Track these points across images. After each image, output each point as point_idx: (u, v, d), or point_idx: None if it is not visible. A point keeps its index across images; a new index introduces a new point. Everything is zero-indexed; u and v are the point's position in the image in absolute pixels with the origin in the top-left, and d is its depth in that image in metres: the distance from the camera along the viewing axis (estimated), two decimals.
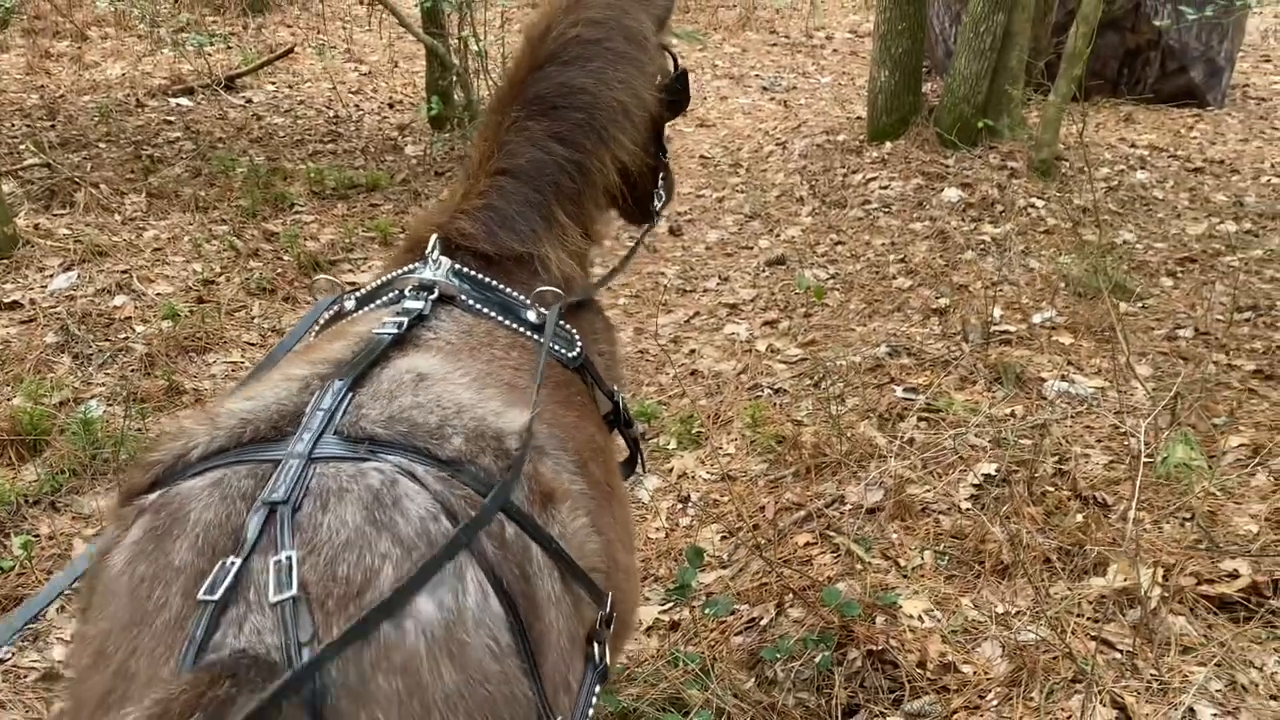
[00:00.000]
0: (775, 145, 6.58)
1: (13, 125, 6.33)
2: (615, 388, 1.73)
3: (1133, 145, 6.05)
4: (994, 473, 2.92)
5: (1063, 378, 3.56)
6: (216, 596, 0.86)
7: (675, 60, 1.91)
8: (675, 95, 1.89)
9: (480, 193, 1.69)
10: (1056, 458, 2.96)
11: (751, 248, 5.18)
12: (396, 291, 1.50)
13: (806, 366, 3.91)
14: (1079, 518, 2.61)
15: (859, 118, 6.45)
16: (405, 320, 1.34)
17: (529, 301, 1.56)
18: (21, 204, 5.15)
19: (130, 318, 4.32)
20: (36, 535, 3.01)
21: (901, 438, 3.26)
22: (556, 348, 1.54)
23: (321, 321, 1.58)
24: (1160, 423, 3.01)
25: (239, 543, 0.91)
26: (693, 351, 4.20)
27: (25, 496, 3.14)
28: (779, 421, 3.52)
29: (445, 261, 1.54)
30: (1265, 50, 8.55)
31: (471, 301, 1.49)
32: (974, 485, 2.89)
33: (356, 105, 7.23)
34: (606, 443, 1.63)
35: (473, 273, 1.55)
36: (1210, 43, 6.86)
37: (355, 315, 1.50)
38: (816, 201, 5.56)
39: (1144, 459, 2.59)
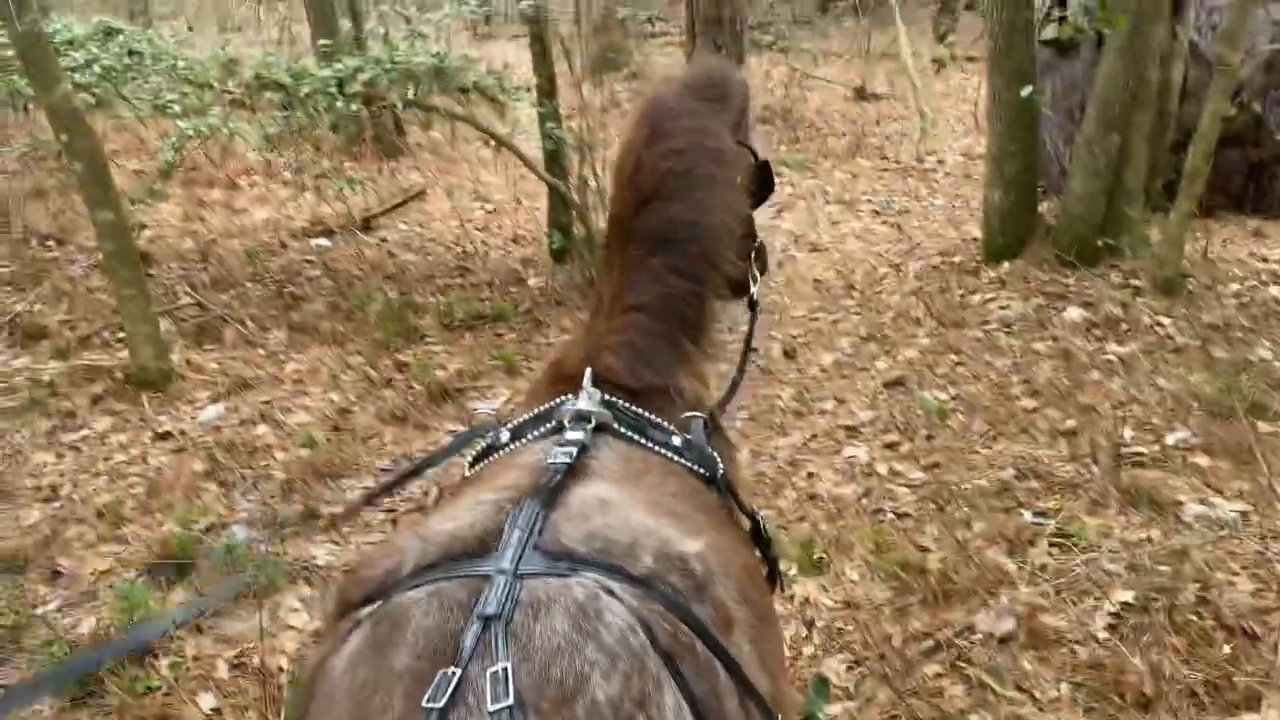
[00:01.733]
0: (889, 268, 6.62)
1: (170, 269, 6.86)
2: (755, 507, 1.78)
3: (1263, 260, 5.88)
4: (1131, 600, 2.81)
5: (1201, 501, 3.42)
6: (440, 704, 0.91)
7: (755, 154, 1.97)
8: (761, 186, 1.97)
9: (616, 329, 1.78)
10: (1199, 585, 2.83)
11: (868, 370, 5.18)
12: (554, 423, 1.57)
13: (930, 490, 3.85)
14: (1226, 649, 2.48)
15: (974, 239, 6.45)
16: (575, 449, 1.41)
17: (674, 429, 1.63)
18: (176, 341, 5.54)
19: (271, 446, 4.56)
20: (182, 656, 3.16)
21: (1032, 564, 3.17)
22: (703, 470, 1.60)
23: (473, 455, 1.66)
24: None
25: (457, 652, 0.97)
26: (811, 475, 4.18)
27: (173, 619, 3.31)
28: (903, 547, 3.46)
29: (597, 393, 1.63)
30: None
31: (625, 431, 1.56)
32: (1110, 614, 2.79)
33: (483, 241, 7.59)
34: (757, 565, 1.66)
35: (622, 403, 1.63)
36: None
37: (515, 447, 1.58)
38: (934, 322, 5.54)
39: None
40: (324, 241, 7.50)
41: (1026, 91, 5.24)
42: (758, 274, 2.05)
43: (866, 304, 6.07)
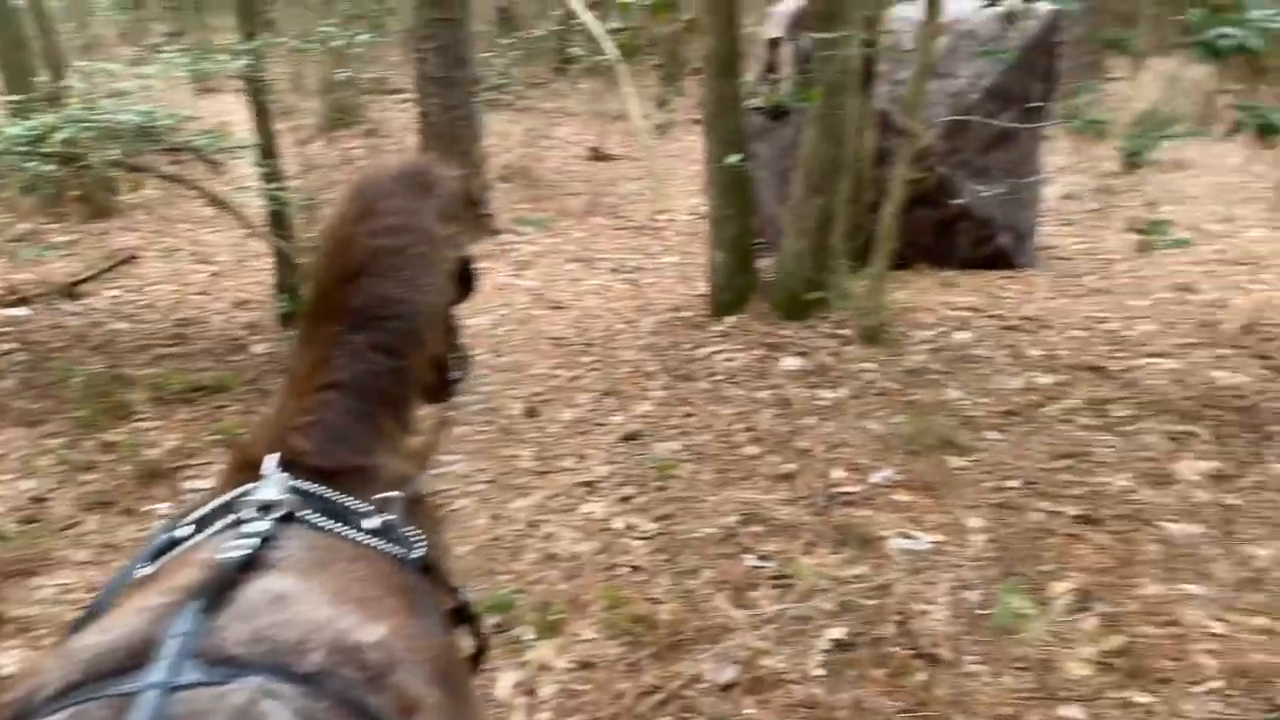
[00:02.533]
0: (624, 323, 6.80)
1: None
2: (460, 585, 1.75)
3: (953, 308, 6.50)
4: (843, 637, 2.99)
5: (902, 535, 3.71)
6: None
7: (461, 249, 2.00)
8: (465, 282, 2.00)
9: (309, 409, 1.72)
10: (900, 616, 3.06)
11: (606, 424, 5.28)
12: (236, 514, 1.49)
13: (662, 541, 3.96)
14: (922, 676, 2.68)
15: (702, 295, 6.76)
16: (254, 542, 1.34)
17: (368, 510, 1.58)
18: None
19: None
20: None
21: (755, 608, 3.31)
22: (399, 551, 1.56)
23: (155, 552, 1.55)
24: (993, 574, 3.16)
25: None
26: (550, 535, 4.19)
27: None
28: (636, 600, 3.53)
29: (282, 479, 1.56)
30: (1065, 214, 9.40)
31: (313, 518, 1.50)
32: (823, 651, 2.95)
33: (204, 307, 7.17)
34: (454, 643, 1.64)
35: (311, 488, 1.57)
36: (1013, 211, 7.51)
37: (195, 542, 1.49)
38: (666, 376, 5.73)
39: (979, 611, 2.71)
40: (20, 311, 6.84)
41: (733, 159, 5.57)
42: (462, 371, 2.07)
43: (604, 360, 6.20)
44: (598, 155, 12.49)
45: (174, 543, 1.52)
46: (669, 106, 6.80)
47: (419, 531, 1.65)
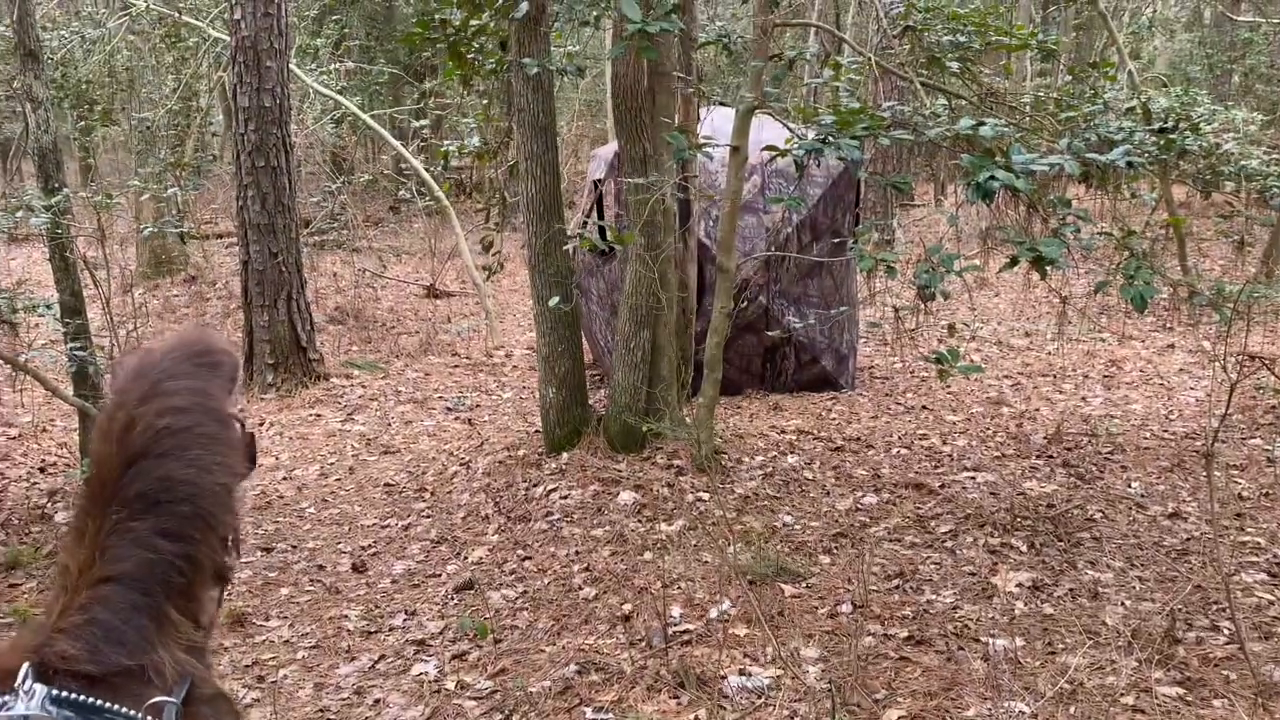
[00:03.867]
0: (460, 465, 6.68)
1: None
2: None
3: (782, 432, 6.68)
4: None
5: (741, 671, 3.67)
6: None
7: (243, 424, 1.94)
8: (248, 458, 1.94)
9: (81, 606, 1.58)
10: None
11: (439, 575, 5.11)
12: None
13: (496, 700, 3.80)
14: None
15: (538, 431, 6.72)
16: None
17: (140, 717, 1.44)
18: None
19: None
20: None
21: None
22: None
23: None
24: (827, 706, 3.15)
25: None
26: (378, 701, 3.97)
27: None
28: None
29: (40, 690, 1.41)
30: (881, 336, 9.89)
31: None
32: None
33: (1, 474, 6.66)
34: None
35: (74, 697, 1.43)
36: (833, 335, 7.86)
37: None
38: (502, 518, 5.62)
39: None
40: None
41: (554, 302, 5.65)
42: (236, 551, 1.98)
43: (438, 505, 6.05)
44: (432, 293, 12.48)
45: None
46: (495, 249, 6.87)
47: None
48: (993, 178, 3.48)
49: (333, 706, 3.98)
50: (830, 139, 3.77)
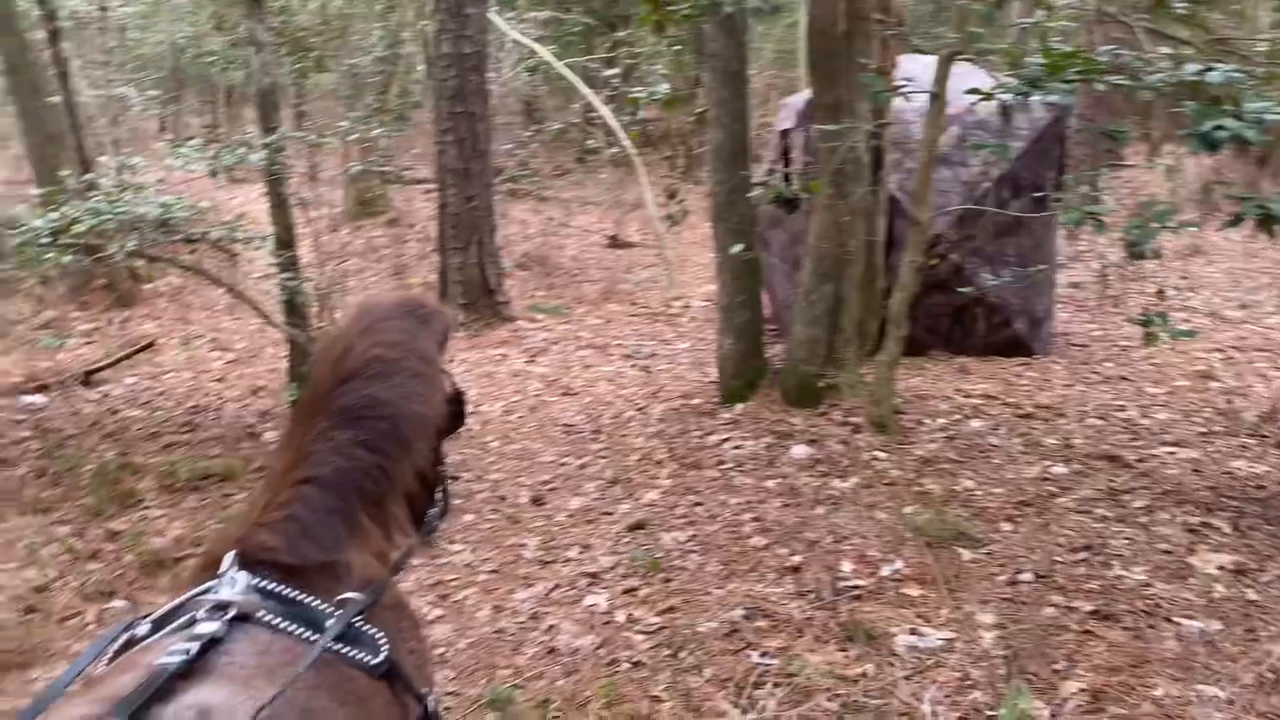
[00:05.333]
0: (635, 410, 6.78)
1: None
2: (426, 690, 1.70)
3: (967, 395, 6.44)
4: None
5: (911, 631, 3.60)
6: None
7: (453, 381, 2.07)
8: (453, 414, 2.05)
9: (283, 503, 1.71)
10: (905, 717, 2.95)
11: (612, 513, 5.22)
12: (190, 614, 1.46)
13: (665, 635, 3.86)
14: None
15: (713, 382, 6.73)
16: (194, 646, 1.31)
17: (331, 611, 1.55)
18: None
19: None
20: None
21: (757, 707, 3.21)
22: (359, 655, 1.52)
23: (113, 651, 1.52)
24: (1001, 672, 3.05)
25: None
26: (551, 627, 4.11)
27: None
28: (636, 698, 3.43)
29: (242, 578, 1.54)
30: (1080, 300, 9.36)
31: (270, 618, 1.47)
32: None
33: (219, 394, 7.22)
34: None
35: (273, 587, 1.54)
36: (1028, 297, 7.48)
37: (147, 642, 1.46)
38: (675, 464, 5.68)
39: (988, 712, 2.61)
40: (37, 399, 6.92)
41: (737, 249, 5.61)
42: (441, 507, 2.11)
43: (613, 447, 6.16)
44: (615, 243, 12.63)
45: (130, 642, 1.49)
46: (679, 198, 6.87)
47: (384, 635, 1.61)
48: (1220, 127, 3.20)
49: (509, 629, 4.15)
50: (1040, 82, 3.56)
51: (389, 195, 14.04)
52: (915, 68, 6.31)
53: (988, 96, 3.84)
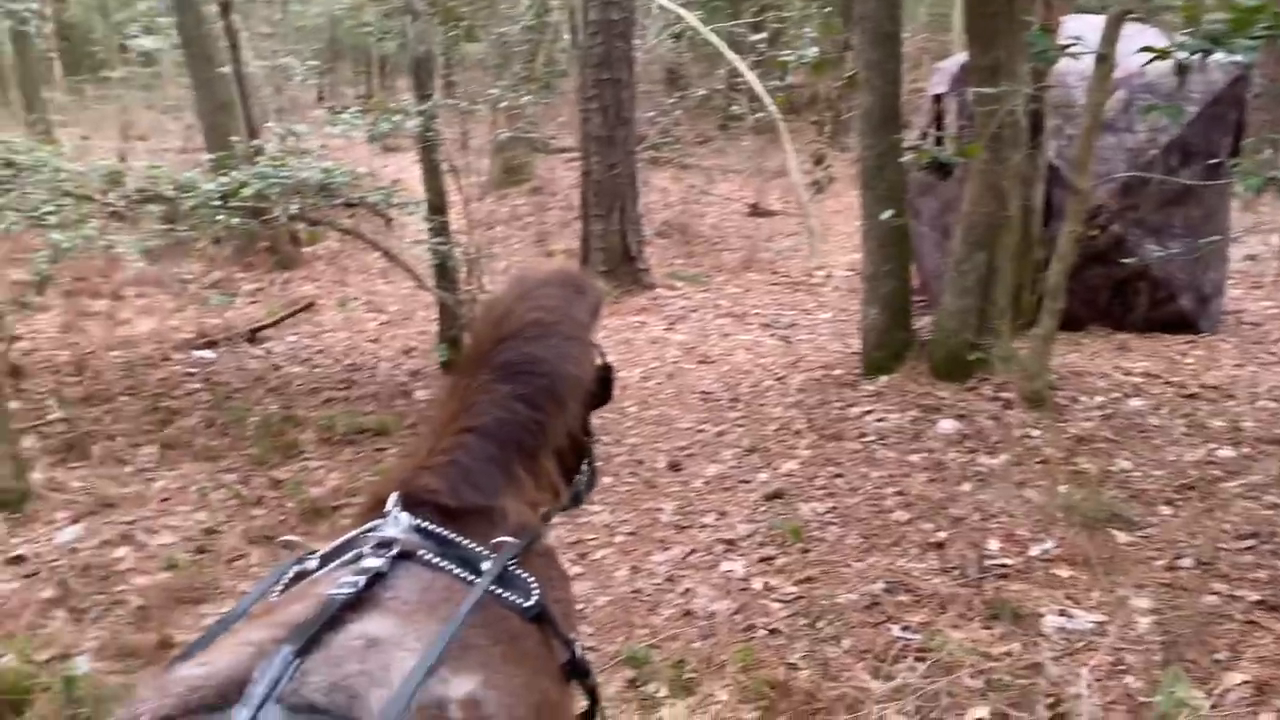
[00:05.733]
0: (774, 380, 6.73)
1: (41, 382, 6.62)
2: (573, 635, 1.75)
3: (1127, 373, 6.14)
4: (988, 716, 2.82)
5: (1061, 612, 3.48)
6: None
7: (603, 355, 2.13)
8: (602, 385, 2.10)
9: (445, 449, 1.79)
10: (1051, 699, 2.86)
11: (750, 482, 5.21)
12: (357, 549, 1.54)
13: (802, 605, 3.85)
14: None
15: (855, 353, 6.62)
16: (362, 580, 1.38)
17: (488, 553, 1.61)
18: (39, 458, 5.31)
19: (131, 569, 4.36)
20: None
21: (896, 680, 3.17)
22: (512, 597, 1.58)
23: (285, 583, 1.62)
24: (1158, 659, 2.92)
25: None
26: (688, 590, 4.15)
27: None
28: (772, 665, 3.43)
29: (405, 518, 1.61)
30: (1255, 275, 8.79)
31: (431, 557, 1.54)
32: None
33: (374, 354, 7.52)
34: (561, 696, 1.63)
35: (433, 527, 1.61)
36: (1195, 273, 7.07)
37: (317, 575, 1.54)
38: (814, 435, 5.62)
39: (1141, 699, 2.51)
40: (207, 354, 7.35)
41: (886, 215, 5.47)
42: (588, 478, 2.16)
43: (751, 416, 6.14)
44: (756, 211, 12.52)
45: (300, 574, 1.58)
46: (826, 163, 6.75)
47: (536, 580, 1.65)
48: None
49: (646, 589, 4.20)
50: (1223, 39, 3.33)
51: (533, 164, 14.27)
52: (1081, 27, 6.01)
53: (1163, 55, 3.61)
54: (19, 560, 4.41)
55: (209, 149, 8.83)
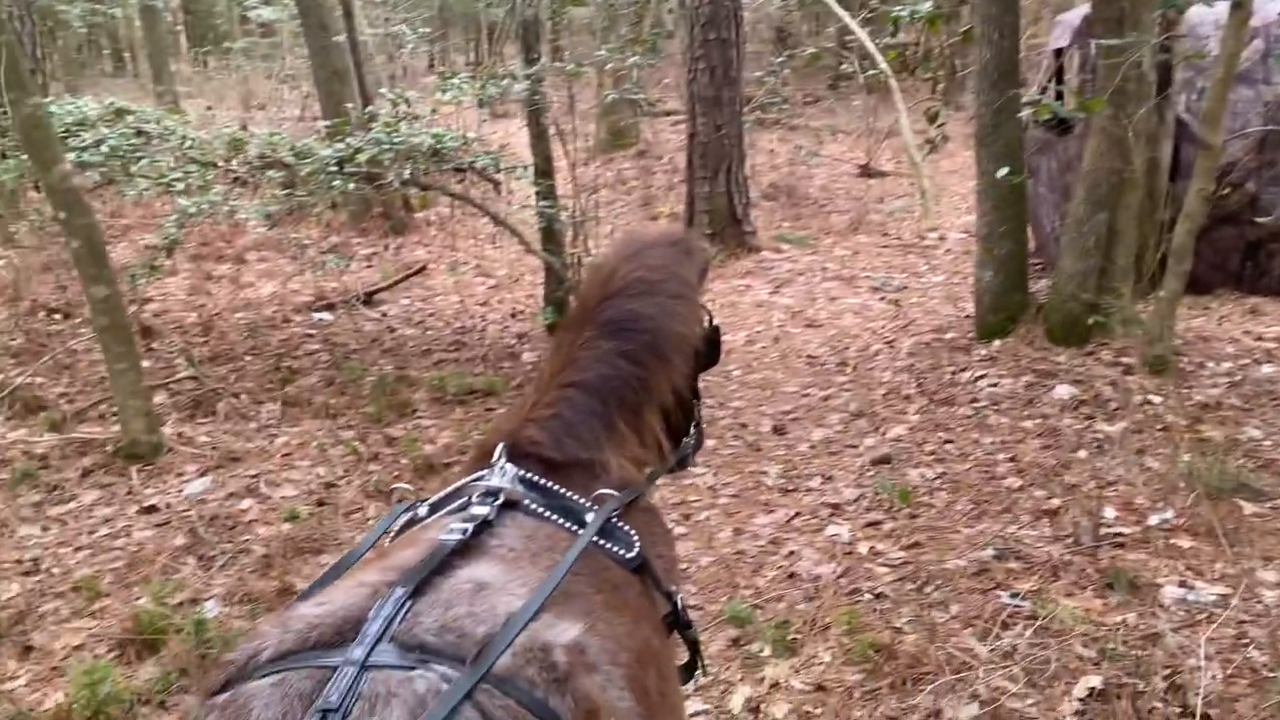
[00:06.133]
0: (884, 344, 6.62)
1: (171, 342, 6.95)
2: (674, 588, 1.78)
3: (1258, 338, 5.85)
4: (1100, 686, 2.75)
5: (1181, 583, 3.36)
6: None
7: (710, 316, 2.12)
8: (710, 346, 2.10)
9: (550, 403, 1.84)
10: (1169, 670, 2.77)
11: (856, 446, 5.15)
12: (465, 498, 1.59)
13: (909, 570, 3.80)
14: None
15: (968, 316, 6.46)
16: (470, 527, 1.42)
17: (590, 505, 1.64)
18: (170, 414, 5.59)
19: (255, 520, 4.56)
20: None
21: (1004, 647, 3.11)
22: (614, 548, 1.61)
23: (397, 529, 1.69)
24: None
25: None
26: (792, 553, 4.14)
27: (138, 695, 3.29)
28: (878, 629, 3.41)
29: (511, 468, 1.66)
30: None
31: (535, 507, 1.58)
32: (1079, 699, 2.72)
33: (482, 316, 7.66)
34: (663, 646, 1.66)
35: (537, 479, 1.65)
36: None
37: (427, 522, 1.60)
38: (924, 400, 5.52)
39: (1266, 673, 2.42)
40: (325, 315, 7.59)
41: (1002, 173, 5.29)
42: (696, 439, 2.17)
43: (859, 380, 6.06)
44: (867, 172, 12.27)
45: (412, 522, 1.64)
46: (940, 122, 6.56)
47: (637, 534, 1.68)
48: None
49: (750, 551, 4.21)
50: None
51: (639, 127, 14.25)
52: None
53: None
54: (152, 510, 4.66)
55: (325, 116, 9.08)
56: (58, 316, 7.33)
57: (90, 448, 5.17)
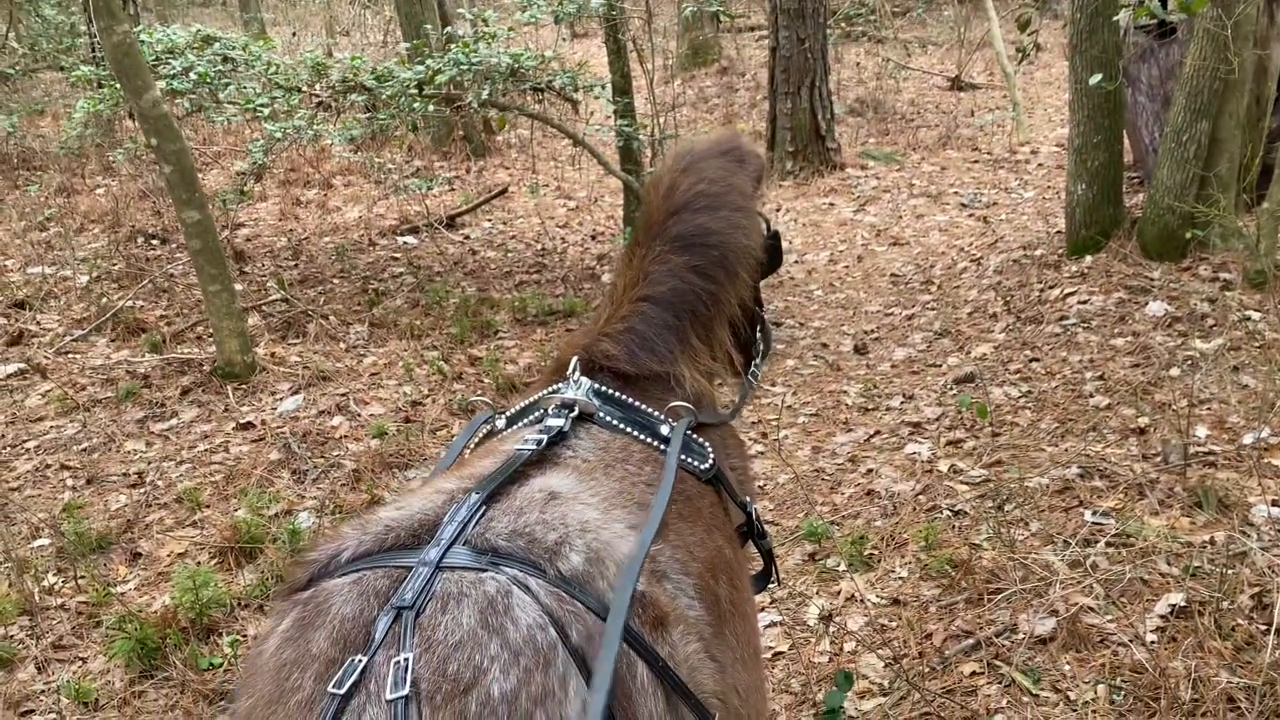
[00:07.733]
0: (970, 262, 6.47)
1: (262, 265, 7.14)
2: (748, 499, 1.80)
3: None
4: (1183, 603, 2.71)
5: (1274, 502, 3.27)
6: (343, 691, 0.97)
7: (768, 223, 2.10)
8: (771, 253, 2.08)
9: (623, 316, 1.85)
10: (1256, 589, 2.71)
11: (940, 365, 5.09)
12: (541, 410, 1.63)
13: (989, 488, 3.77)
14: (1276, 655, 2.37)
15: (1059, 232, 6.26)
16: (544, 438, 1.46)
17: (663, 417, 1.66)
18: (263, 335, 5.78)
19: (345, 436, 4.73)
20: (244, 635, 3.31)
21: (1086, 564, 3.08)
22: (688, 460, 1.63)
23: (478, 439, 1.73)
24: None
25: (368, 640, 1.02)
26: (870, 471, 4.14)
27: (238, 599, 3.47)
28: (955, 545, 3.40)
29: (585, 381, 1.69)
30: None
31: (609, 419, 1.60)
32: (1160, 616, 2.69)
33: (562, 238, 7.69)
34: (735, 556, 1.68)
35: (611, 391, 1.68)
36: None
37: (505, 433, 1.65)
38: (1011, 318, 5.40)
39: None
40: (410, 239, 7.71)
41: (1096, 79, 5.06)
42: (763, 348, 2.16)
43: (943, 299, 5.95)
44: (956, 85, 11.86)
45: (490, 433, 1.69)
46: (1033, 29, 6.28)
47: (711, 445, 1.69)
48: None
49: (828, 469, 4.22)
50: None
51: (721, 43, 13.96)
52: None
53: None
54: (248, 426, 4.85)
55: (405, 39, 9.09)
56: (155, 242, 7.59)
57: (189, 367, 5.39)
